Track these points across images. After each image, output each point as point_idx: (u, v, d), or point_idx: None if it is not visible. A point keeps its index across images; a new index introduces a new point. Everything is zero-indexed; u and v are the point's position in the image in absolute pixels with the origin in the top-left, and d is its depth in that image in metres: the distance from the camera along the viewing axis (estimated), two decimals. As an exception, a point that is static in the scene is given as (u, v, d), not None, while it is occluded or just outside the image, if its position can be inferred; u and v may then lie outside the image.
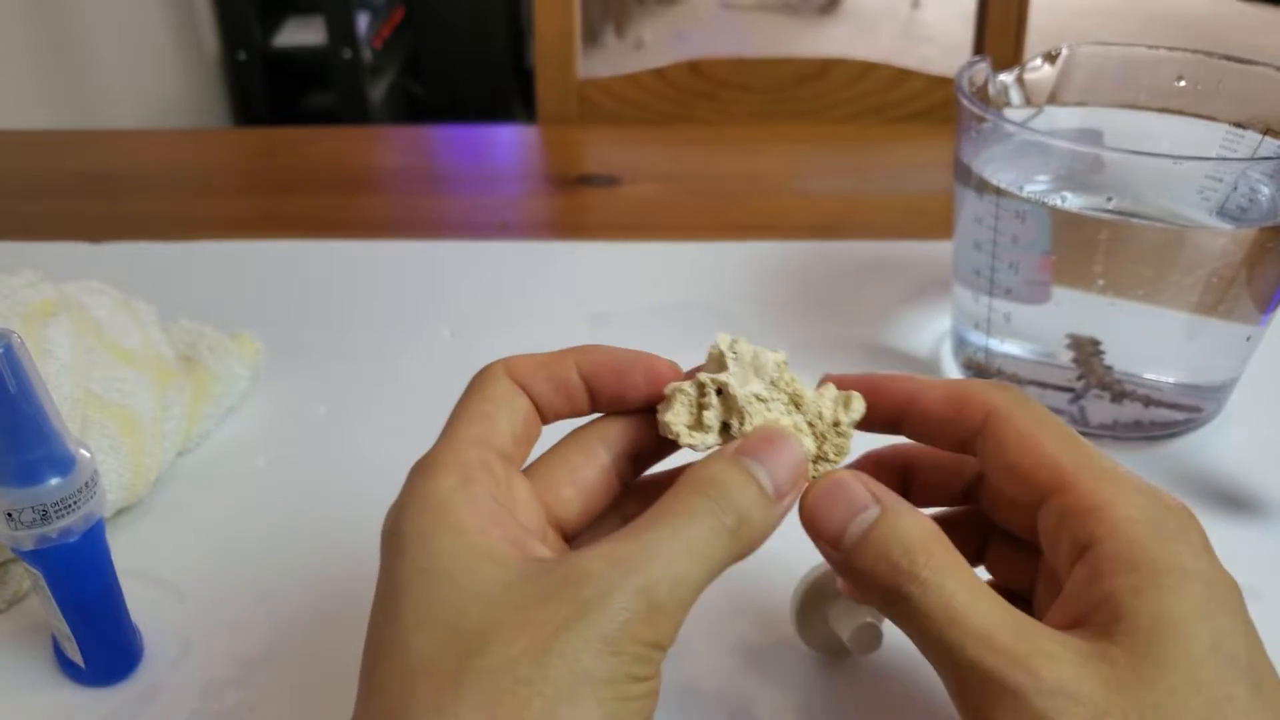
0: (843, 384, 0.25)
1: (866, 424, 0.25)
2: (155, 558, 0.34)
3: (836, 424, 0.24)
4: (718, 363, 0.24)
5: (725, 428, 0.24)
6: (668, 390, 0.24)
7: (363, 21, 1.73)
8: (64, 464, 0.26)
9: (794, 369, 0.24)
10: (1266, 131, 0.38)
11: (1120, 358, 0.37)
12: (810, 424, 0.24)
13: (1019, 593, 0.26)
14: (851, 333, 0.46)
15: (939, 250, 0.47)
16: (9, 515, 0.26)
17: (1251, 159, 0.37)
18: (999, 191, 0.37)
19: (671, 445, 0.25)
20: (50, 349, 0.33)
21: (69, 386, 0.33)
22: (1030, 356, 0.39)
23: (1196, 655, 0.19)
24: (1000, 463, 0.23)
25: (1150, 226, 0.36)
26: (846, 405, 0.24)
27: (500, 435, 0.23)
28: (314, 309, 0.48)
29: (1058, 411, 0.39)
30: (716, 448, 0.23)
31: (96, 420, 0.34)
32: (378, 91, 1.79)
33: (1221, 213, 0.36)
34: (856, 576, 0.22)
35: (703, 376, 0.24)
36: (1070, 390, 0.39)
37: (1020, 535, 0.25)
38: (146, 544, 0.34)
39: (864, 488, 0.22)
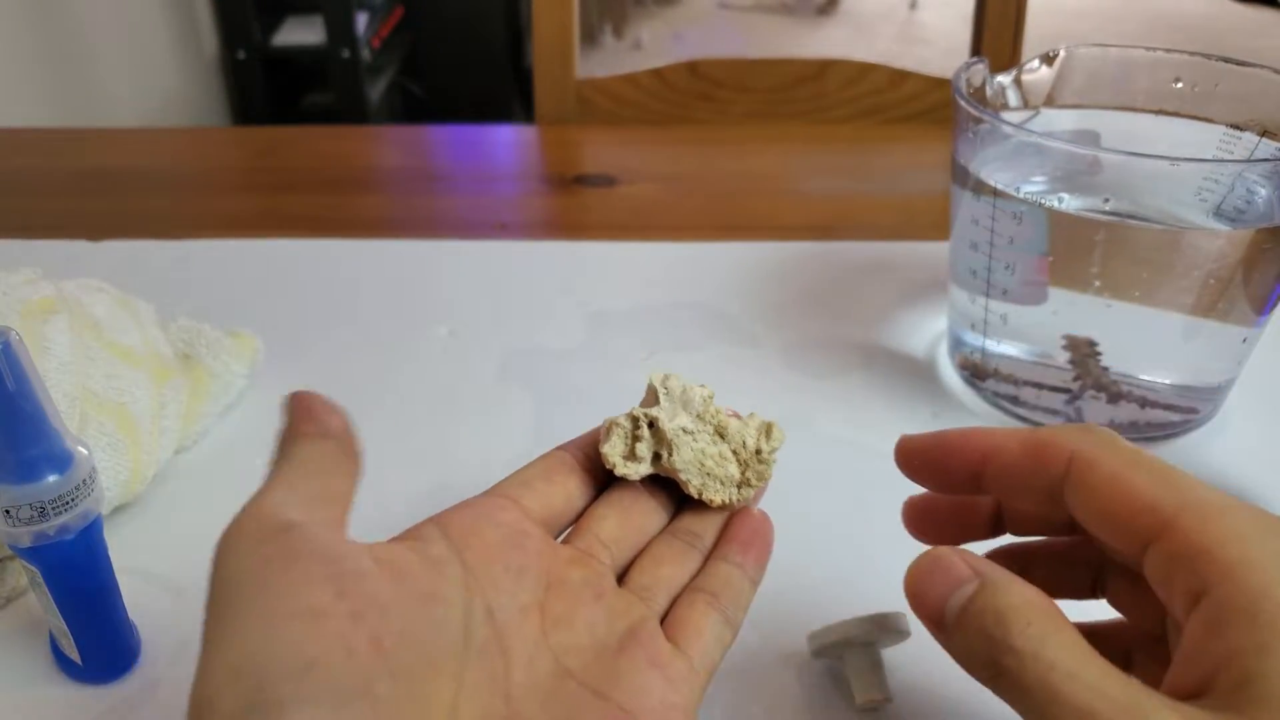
0: (912, 444, 0.25)
1: (947, 487, 0.25)
2: (153, 555, 0.34)
3: (758, 452, 0.27)
4: (654, 396, 0.27)
5: (656, 456, 0.27)
6: (605, 424, 0.26)
7: (361, 21, 1.73)
8: (62, 461, 0.26)
9: (793, 368, 0.25)
10: (1264, 133, 0.38)
11: (1117, 359, 0.37)
12: (735, 452, 0.27)
13: (1149, 631, 0.24)
14: (848, 333, 0.46)
15: (936, 251, 0.47)
16: (7, 512, 0.26)
17: (1248, 160, 0.38)
18: (996, 192, 0.37)
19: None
20: (49, 346, 0.33)
21: (67, 384, 0.33)
22: (1026, 357, 0.39)
23: None
24: (1092, 510, 0.21)
25: (1147, 228, 0.36)
26: (768, 434, 0.27)
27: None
28: (312, 307, 0.48)
29: (1054, 413, 0.39)
30: (647, 474, 0.27)
31: (95, 418, 0.34)
32: (376, 91, 1.79)
33: (1218, 214, 0.36)
34: (959, 654, 0.21)
35: (635, 411, 0.26)
36: (1067, 391, 0.39)
37: (1136, 570, 0.22)
38: (144, 541, 0.34)
39: (963, 562, 0.21)
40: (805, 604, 0.32)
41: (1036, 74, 0.42)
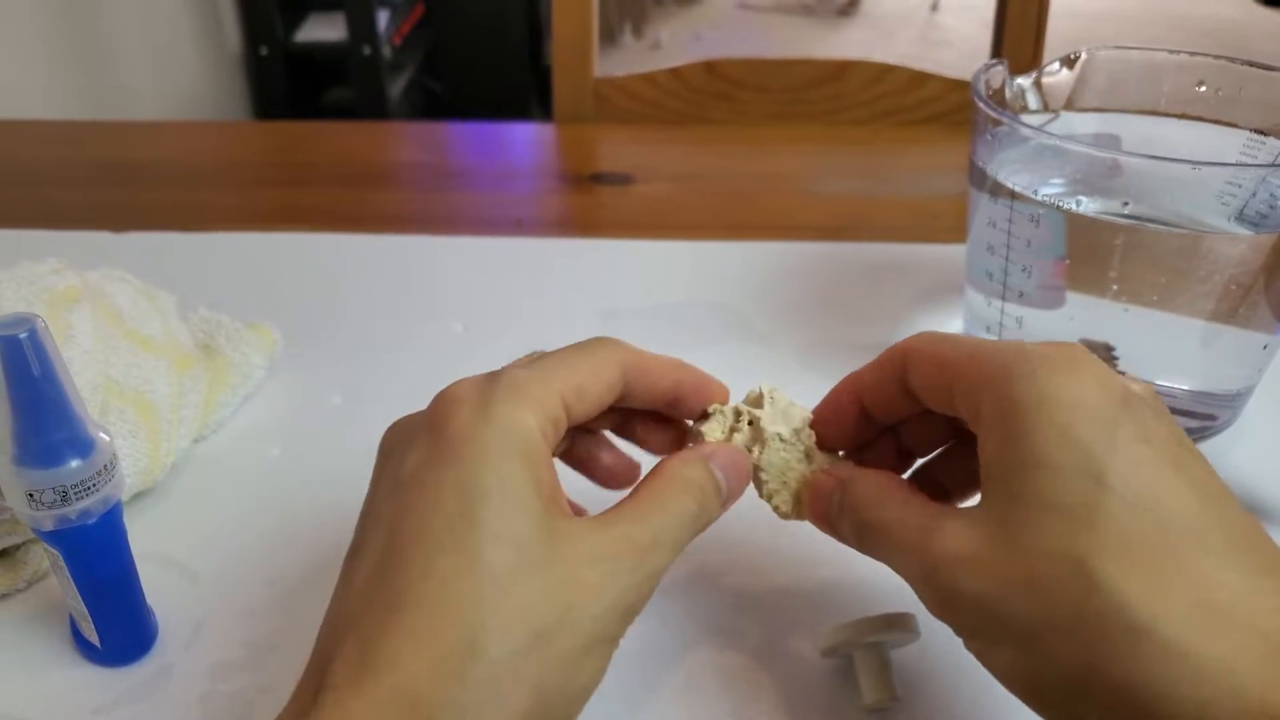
0: (824, 412, 0.29)
1: (862, 437, 0.29)
2: (170, 541, 0.34)
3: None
4: (755, 401, 0.29)
5: (748, 451, 0.28)
6: (710, 409, 0.28)
7: (383, 19, 1.74)
8: (84, 447, 0.26)
9: (808, 369, 0.26)
10: (1287, 138, 0.38)
11: (1134, 364, 0.37)
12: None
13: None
14: (862, 334, 0.46)
15: (952, 253, 0.47)
16: (30, 495, 0.26)
17: (1272, 165, 0.37)
18: (1013, 195, 0.37)
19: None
20: (73, 335, 0.34)
21: (90, 372, 0.34)
22: (1043, 360, 0.39)
23: (1045, 484, 0.22)
24: (920, 388, 0.26)
25: (1167, 232, 0.35)
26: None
27: (580, 407, 0.26)
28: (330, 300, 0.49)
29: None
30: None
31: (115, 406, 0.34)
32: (396, 88, 1.80)
33: (1240, 219, 0.36)
34: (846, 540, 0.27)
35: (741, 406, 0.28)
36: (1082, 395, 0.38)
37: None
38: (162, 528, 0.35)
39: (830, 476, 0.27)
40: (814, 604, 0.32)
41: (1057, 76, 0.42)
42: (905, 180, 0.63)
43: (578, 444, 0.29)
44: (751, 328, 0.47)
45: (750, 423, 0.28)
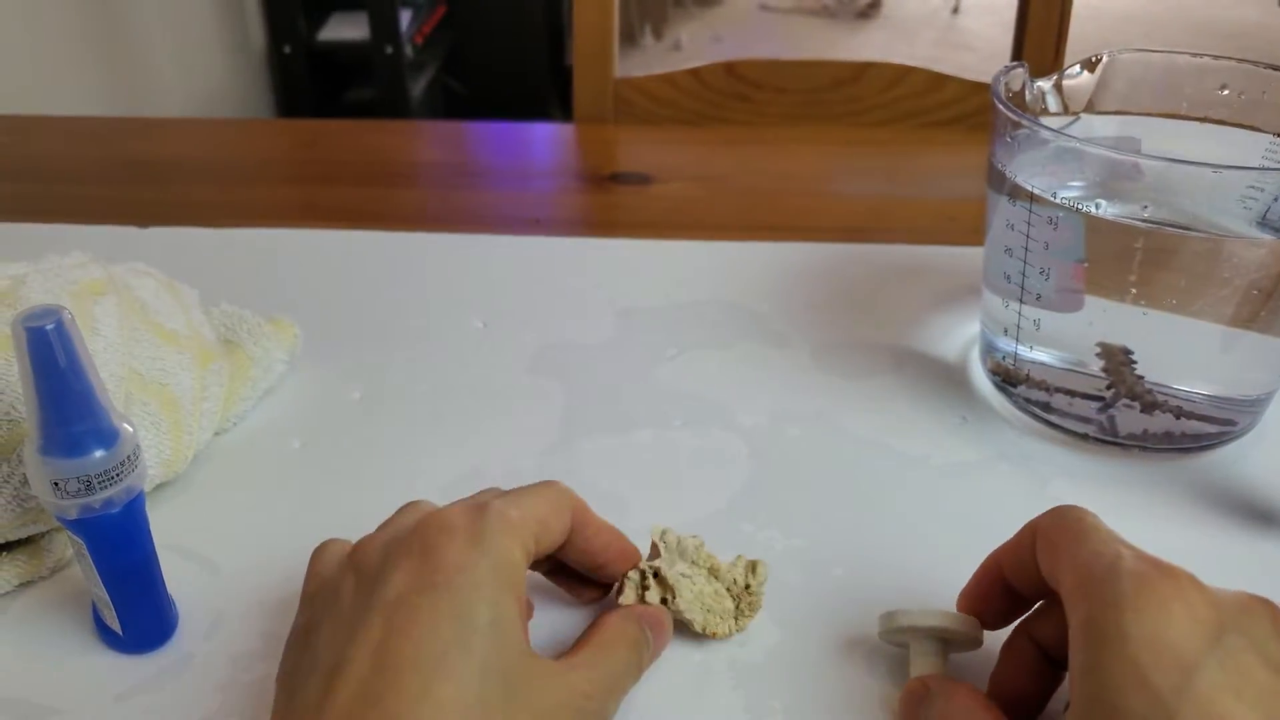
0: (969, 595, 0.30)
1: (1008, 617, 0.29)
2: (191, 532, 0.35)
3: (747, 587, 0.31)
4: (656, 550, 0.31)
5: (664, 600, 0.30)
6: (622, 579, 0.31)
7: (405, 18, 1.75)
8: (108, 437, 0.27)
9: (823, 369, 0.25)
10: (1310, 143, 0.37)
11: (1152, 368, 0.37)
12: (728, 589, 0.31)
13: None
14: (879, 335, 0.46)
15: (970, 255, 0.47)
16: (55, 484, 0.27)
17: (1293, 170, 0.37)
18: (1032, 197, 0.37)
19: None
20: (98, 327, 0.34)
21: (114, 364, 0.34)
22: (1059, 364, 0.39)
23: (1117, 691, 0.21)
24: (1044, 568, 0.26)
25: (1188, 235, 0.35)
26: (754, 571, 0.31)
27: (544, 543, 0.27)
28: (351, 297, 0.49)
29: (1085, 420, 0.39)
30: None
31: (139, 398, 0.35)
32: (418, 87, 1.81)
33: (1263, 223, 0.35)
34: None
35: (642, 565, 0.31)
36: (1100, 399, 0.38)
37: None
38: (183, 519, 0.35)
39: (921, 684, 0.27)
40: (825, 605, 0.32)
41: (1078, 79, 0.42)
42: (924, 182, 0.63)
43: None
44: (768, 328, 0.47)
45: (655, 575, 0.30)
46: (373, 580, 0.25)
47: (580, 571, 0.31)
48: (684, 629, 0.30)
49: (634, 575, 0.31)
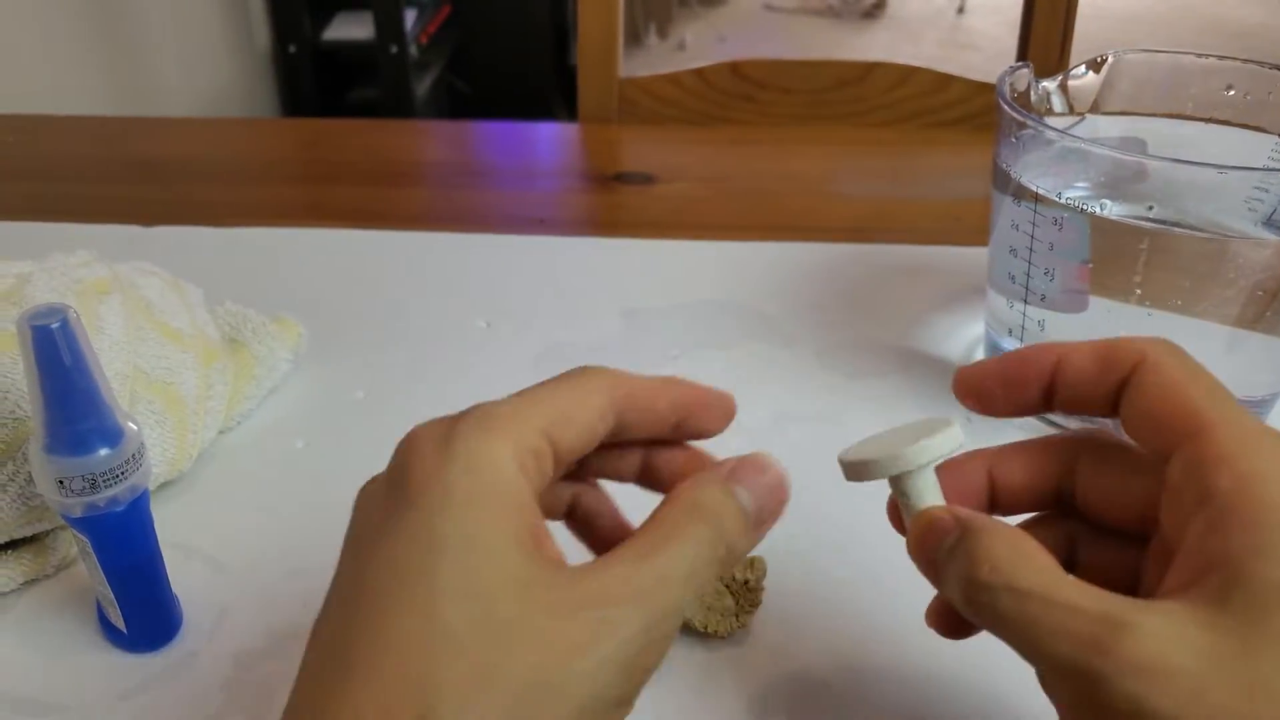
0: (978, 369, 0.25)
1: (1014, 407, 0.25)
2: (195, 531, 0.35)
3: (746, 583, 0.30)
4: None
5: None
6: None
7: (410, 18, 1.75)
8: (113, 435, 0.27)
9: (828, 370, 0.25)
10: (1316, 144, 0.37)
11: (1157, 368, 0.37)
12: (728, 586, 0.30)
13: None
14: (884, 336, 0.46)
15: (975, 256, 0.47)
16: (60, 483, 0.27)
17: (1299, 171, 0.37)
18: (1037, 198, 0.37)
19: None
20: (103, 326, 0.35)
21: (119, 363, 0.34)
22: (1065, 364, 0.39)
23: None
24: (1140, 410, 0.22)
25: (1192, 236, 0.35)
26: (752, 567, 0.31)
27: (568, 437, 0.22)
28: (355, 296, 0.49)
29: (1090, 422, 0.39)
30: None
31: (144, 396, 0.35)
32: (423, 87, 1.82)
33: (1268, 224, 0.35)
34: (951, 598, 0.22)
35: None
36: (1104, 400, 0.38)
37: (1121, 527, 0.23)
38: (187, 517, 0.35)
39: (950, 515, 0.22)
40: (828, 605, 0.32)
41: (1083, 79, 0.41)
42: (929, 182, 0.63)
43: (583, 501, 0.25)
44: (773, 328, 0.47)
45: None
46: (357, 516, 0.22)
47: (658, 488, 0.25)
48: (685, 628, 0.30)
49: None
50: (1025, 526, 0.25)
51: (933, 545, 0.22)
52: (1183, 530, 0.20)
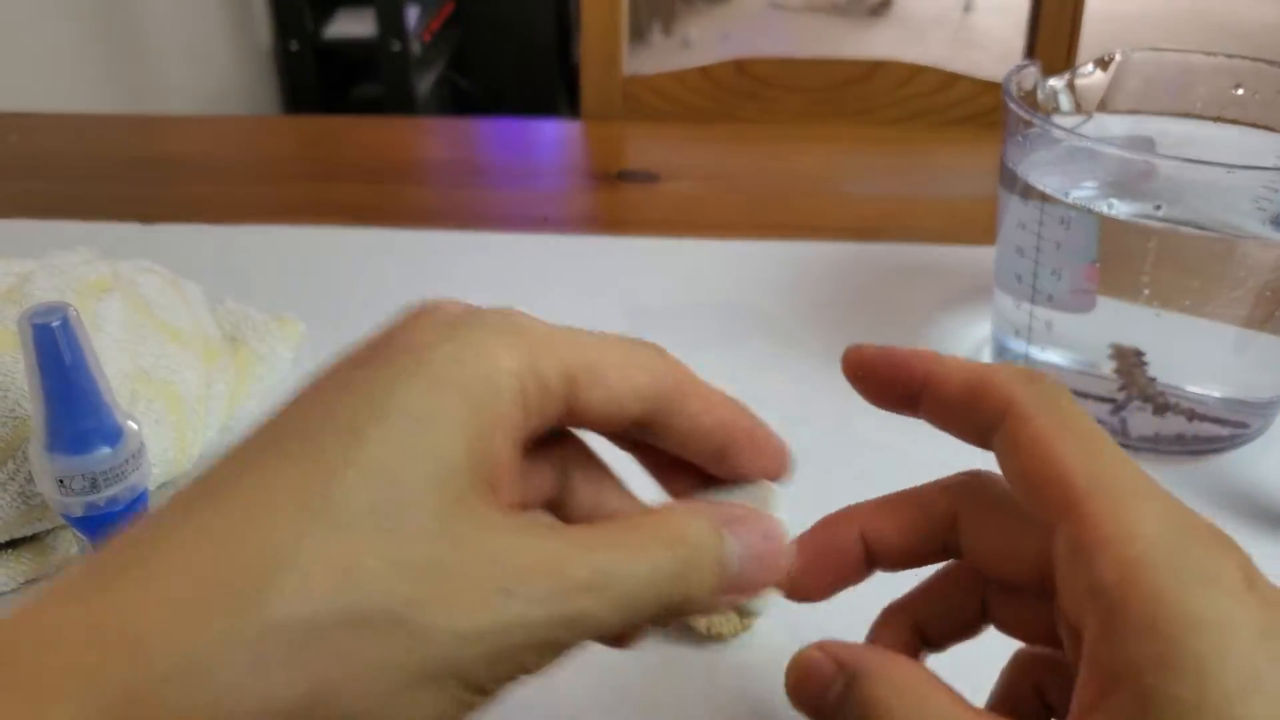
0: (860, 354, 0.23)
1: (884, 402, 0.23)
2: (196, 531, 0.35)
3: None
4: None
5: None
6: None
7: (412, 15, 1.75)
8: (113, 435, 0.27)
9: (834, 370, 0.24)
10: (1326, 143, 0.37)
11: (1164, 369, 0.37)
12: None
13: (1046, 653, 0.22)
14: (890, 335, 0.45)
15: (981, 255, 0.46)
16: (60, 482, 0.27)
17: (1309, 170, 0.37)
18: (1044, 197, 0.36)
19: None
20: (103, 325, 0.34)
21: (119, 362, 0.34)
22: (1071, 365, 0.39)
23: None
24: (1014, 470, 0.20)
25: (1200, 236, 0.35)
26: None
27: (588, 395, 0.19)
28: (356, 294, 0.49)
29: (1097, 422, 0.38)
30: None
31: (144, 395, 0.35)
32: (425, 84, 1.81)
33: (1276, 224, 0.35)
34: None
35: None
36: (1112, 401, 0.38)
37: (1018, 584, 0.21)
38: (188, 517, 0.35)
39: (829, 659, 0.20)
40: (832, 607, 0.32)
41: (1090, 78, 0.41)
42: (935, 181, 0.63)
43: (580, 488, 0.22)
44: (778, 328, 0.46)
45: None
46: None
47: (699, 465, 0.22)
48: (688, 630, 0.30)
49: None
50: (926, 585, 0.23)
51: (815, 694, 0.20)
52: (1080, 616, 0.18)
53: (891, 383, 0.22)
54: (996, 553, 0.21)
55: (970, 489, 0.22)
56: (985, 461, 0.21)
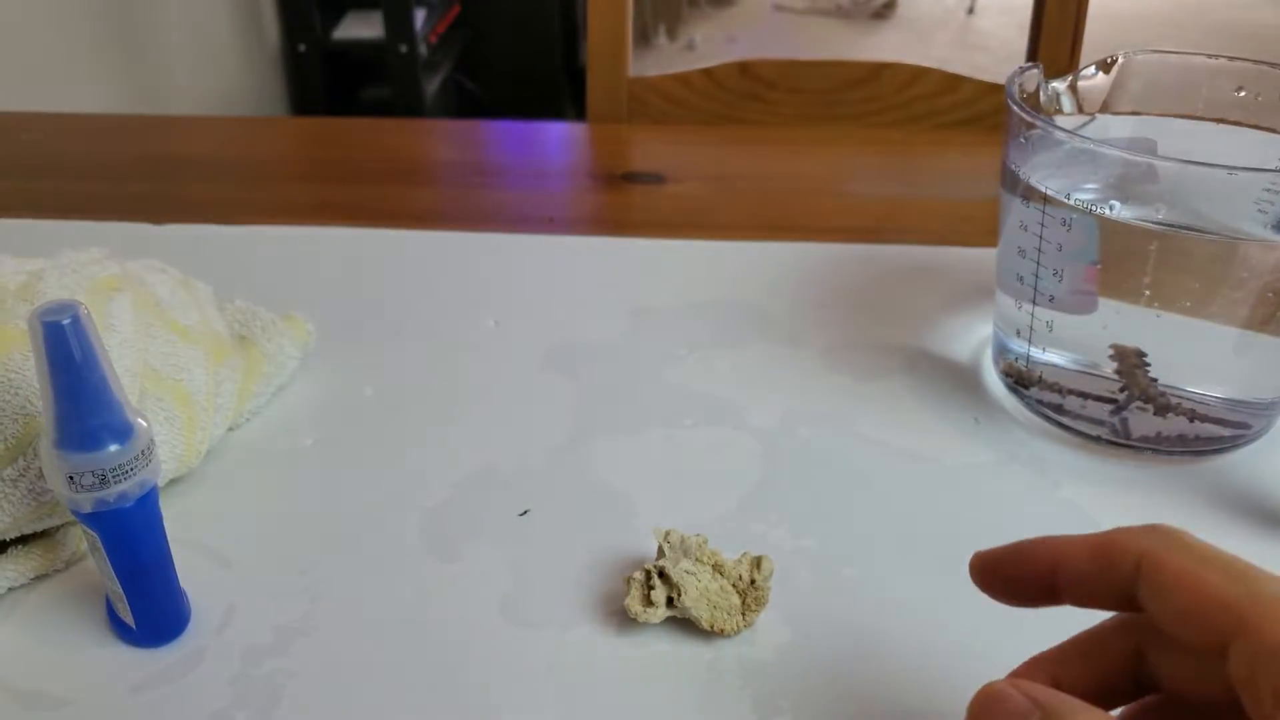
0: (986, 558, 0.25)
1: (1022, 599, 0.25)
2: (203, 527, 0.35)
3: (753, 582, 0.31)
4: (660, 551, 0.31)
5: (670, 600, 0.30)
6: (626, 580, 0.31)
7: (420, 17, 1.76)
8: (123, 432, 0.27)
9: (836, 370, 0.25)
10: (1327, 145, 0.37)
11: (1166, 370, 0.37)
12: (733, 585, 0.31)
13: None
14: (892, 336, 0.46)
15: (983, 257, 0.47)
16: (70, 478, 0.27)
17: (1310, 173, 0.37)
18: (1046, 199, 0.36)
19: None
20: (113, 323, 0.35)
21: (129, 360, 0.35)
22: (1072, 366, 0.39)
23: None
24: (1167, 610, 0.21)
25: (1202, 238, 0.35)
26: (759, 566, 0.31)
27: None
28: (363, 294, 0.49)
29: (1099, 423, 0.39)
30: (664, 617, 0.30)
31: (153, 393, 0.35)
32: (432, 86, 1.82)
33: (1278, 226, 0.35)
34: None
35: (647, 565, 0.31)
36: (1113, 402, 0.38)
37: (1212, 703, 0.22)
38: (196, 514, 0.36)
39: (1020, 694, 0.21)
40: (834, 604, 0.32)
41: (1092, 80, 0.41)
42: (938, 183, 0.63)
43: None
44: (781, 328, 0.47)
45: (661, 574, 0.31)
46: None
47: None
48: (692, 627, 0.31)
49: (638, 575, 0.31)
50: (1077, 641, 0.25)
51: None
52: None
53: (1022, 578, 0.24)
54: (1186, 680, 0.23)
55: (1150, 623, 0.23)
56: (987, 456, 0.21)
